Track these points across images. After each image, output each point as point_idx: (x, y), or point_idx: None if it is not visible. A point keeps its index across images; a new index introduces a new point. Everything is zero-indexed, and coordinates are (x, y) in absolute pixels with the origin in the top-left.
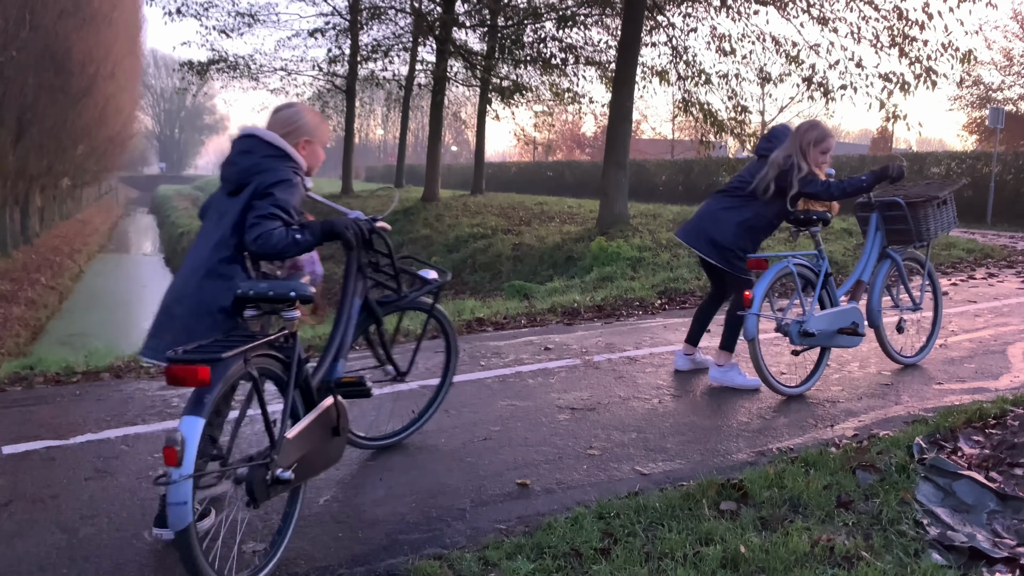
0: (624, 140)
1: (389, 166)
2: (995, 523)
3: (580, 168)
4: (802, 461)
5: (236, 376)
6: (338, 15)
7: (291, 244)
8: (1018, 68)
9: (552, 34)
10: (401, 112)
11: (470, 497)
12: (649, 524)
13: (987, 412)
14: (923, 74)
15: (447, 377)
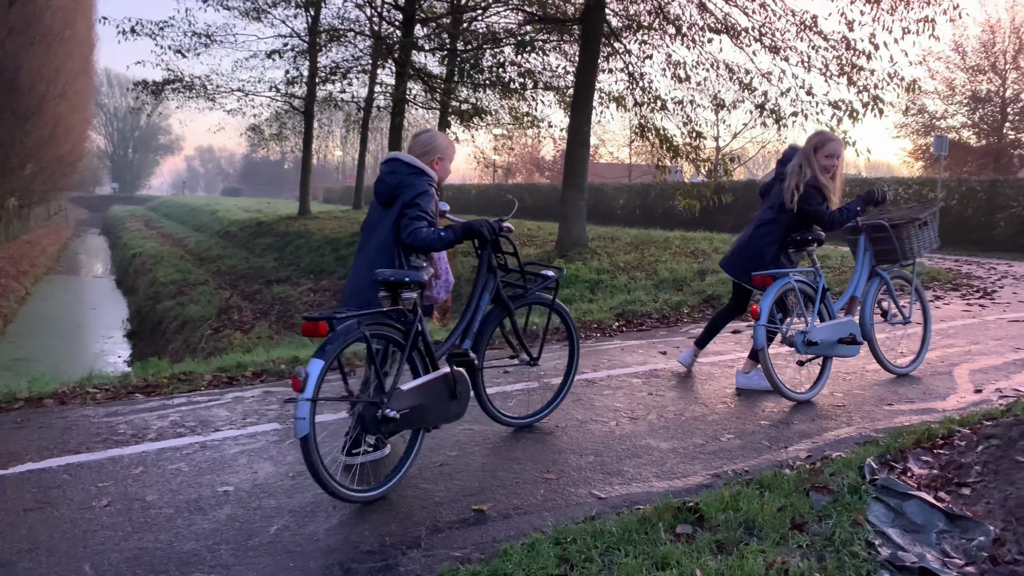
0: (582, 164)
1: (348, 187)
2: (944, 543)
3: (539, 191)
4: (757, 483)
5: (353, 336)
6: (296, 37)
7: (437, 239)
8: (960, 97)
9: (511, 59)
10: (360, 133)
11: (425, 524)
12: (606, 549)
13: (935, 432)
14: (871, 102)
15: (573, 363)
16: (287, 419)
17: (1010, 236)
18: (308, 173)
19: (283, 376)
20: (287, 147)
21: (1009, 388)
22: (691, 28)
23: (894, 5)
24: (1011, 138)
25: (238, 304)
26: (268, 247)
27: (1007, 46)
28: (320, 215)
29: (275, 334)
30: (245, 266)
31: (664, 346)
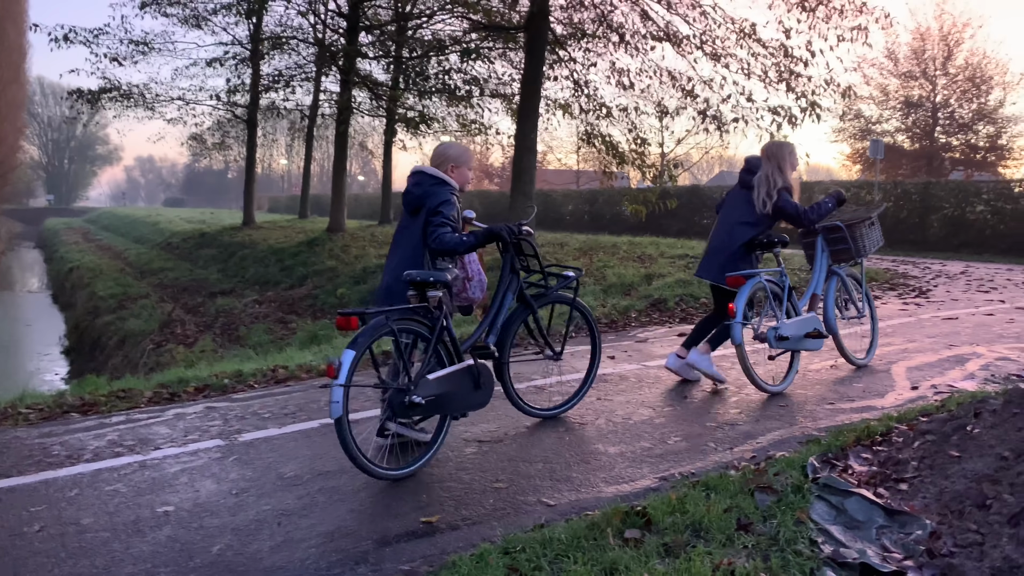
0: (530, 171)
1: (294, 197)
2: (884, 538)
3: (489, 198)
4: (703, 485)
5: (382, 330)
6: (238, 44)
7: (460, 243)
8: (894, 103)
9: (456, 66)
10: (305, 142)
11: (373, 538)
12: (555, 556)
13: (874, 430)
14: (808, 108)
15: (595, 357)
16: (230, 435)
17: (943, 236)
18: (252, 182)
19: (227, 391)
20: (230, 156)
21: (943, 384)
22: (634, 36)
23: (829, 14)
24: (942, 142)
25: (181, 317)
26: (212, 258)
27: (936, 53)
28: (265, 225)
29: (220, 347)
30: (188, 278)
31: (612, 351)
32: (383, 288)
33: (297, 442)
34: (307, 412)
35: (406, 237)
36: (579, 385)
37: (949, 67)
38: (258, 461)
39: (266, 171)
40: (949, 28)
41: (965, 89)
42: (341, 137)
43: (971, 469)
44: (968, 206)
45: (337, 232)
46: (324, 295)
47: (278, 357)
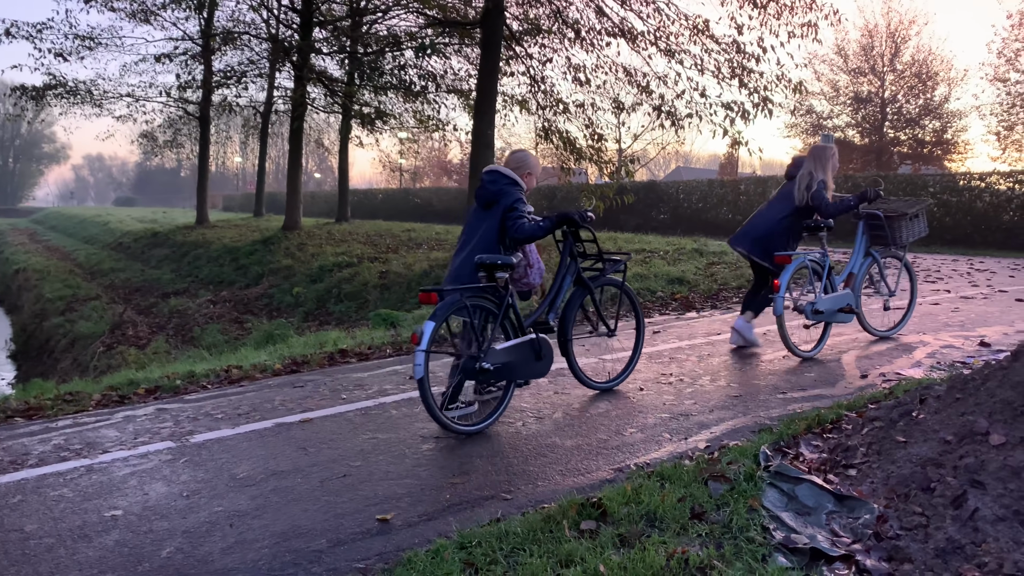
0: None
1: (248, 195)
2: (833, 523)
3: (448, 194)
4: (658, 475)
5: (457, 304)
6: (189, 40)
7: (537, 228)
8: (844, 98)
9: (412, 62)
10: (260, 139)
11: (327, 537)
12: (511, 550)
13: (825, 418)
14: (761, 103)
15: (640, 334)
16: (181, 436)
17: None
18: (205, 180)
19: (179, 392)
20: (183, 154)
21: (891, 372)
22: (589, 32)
23: (779, 10)
24: (891, 136)
25: (133, 319)
26: (164, 258)
27: (884, 50)
28: (219, 224)
29: (173, 348)
30: (140, 279)
31: None
32: (453, 270)
33: (251, 442)
34: (261, 412)
35: (480, 227)
36: (627, 360)
37: (896, 63)
38: (210, 462)
39: (220, 169)
40: (896, 25)
41: (912, 85)
42: (296, 134)
43: (916, 453)
44: None
45: (293, 230)
46: (280, 294)
47: (232, 357)
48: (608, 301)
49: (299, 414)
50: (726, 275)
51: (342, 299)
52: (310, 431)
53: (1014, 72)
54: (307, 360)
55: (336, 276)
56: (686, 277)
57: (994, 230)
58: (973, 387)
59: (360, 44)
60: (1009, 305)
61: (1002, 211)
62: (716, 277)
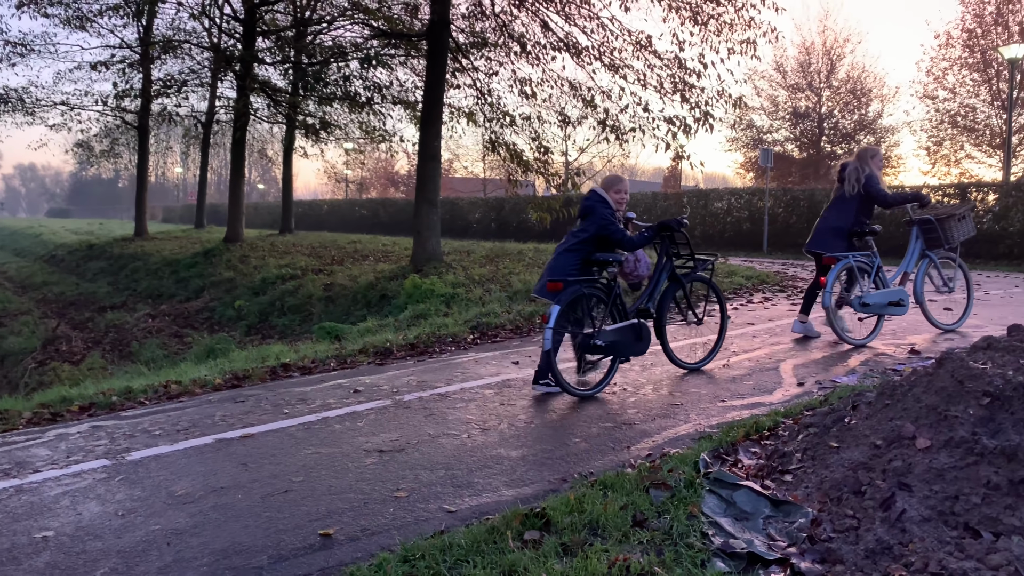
0: (434, 178)
1: (189, 206)
2: (770, 527)
3: (394, 206)
4: (601, 484)
5: (577, 292)
6: (127, 47)
7: (642, 239)
8: (783, 113)
9: (357, 73)
10: (201, 149)
11: (268, 553)
12: (455, 562)
13: (763, 425)
14: (702, 118)
15: (723, 325)
16: (117, 454)
17: None
18: (144, 192)
19: (115, 408)
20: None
21: (827, 380)
22: (535, 46)
23: (720, 27)
24: (827, 150)
25: (67, 334)
26: (101, 271)
27: (820, 66)
28: (159, 236)
29: (110, 364)
30: (75, 292)
31: (517, 356)
32: (554, 263)
33: (190, 459)
34: (201, 428)
35: (578, 235)
36: (712, 345)
37: (832, 80)
38: (147, 480)
39: (160, 180)
40: (831, 43)
41: (847, 101)
42: (238, 144)
43: (848, 458)
44: None
45: (235, 242)
46: (221, 307)
47: (171, 372)
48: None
49: (240, 429)
50: None
51: (286, 312)
52: (251, 446)
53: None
54: (249, 375)
55: (279, 289)
56: None
57: None
58: (901, 393)
59: (304, 54)
60: (938, 314)
61: None
62: None
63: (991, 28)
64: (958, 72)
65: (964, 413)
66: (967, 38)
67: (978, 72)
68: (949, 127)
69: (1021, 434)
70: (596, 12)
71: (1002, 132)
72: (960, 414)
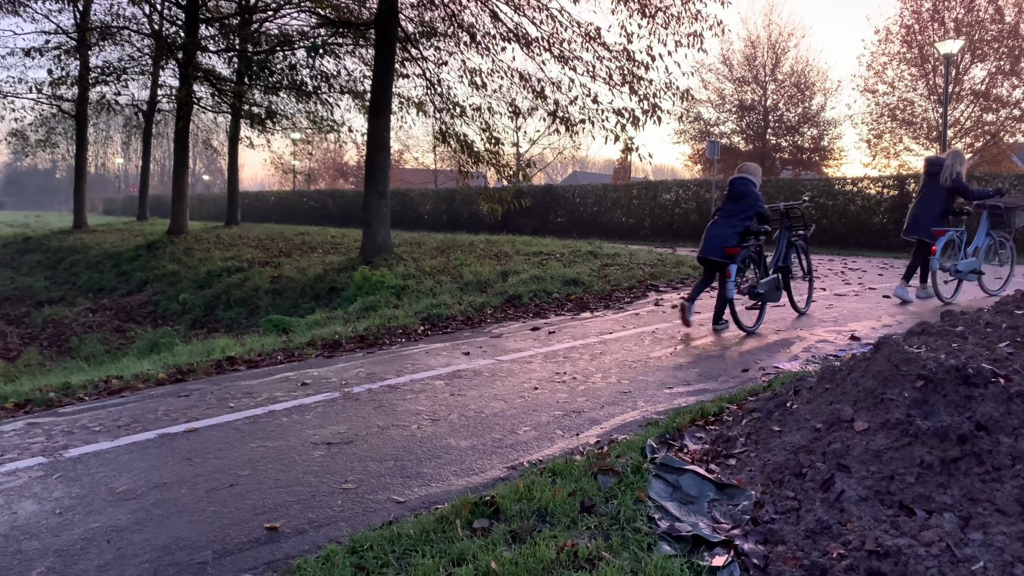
0: (383, 169)
1: (131, 197)
2: (714, 510)
3: (344, 197)
4: (550, 471)
5: (744, 255)
6: (63, 33)
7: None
8: (729, 106)
9: (304, 62)
10: (143, 139)
11: (212, 548)
12: (403, 552)
13: (708, 411)
14: (650, 110)
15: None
16: (54, 451)
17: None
18: (83, 183)
19: (52, 405)
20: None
21: (771, 366)
22: (485, 36)
23: (667, 20)
24: (773, 143)
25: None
26: (37, 265)
27: (766, 60)
28: (99, 228)
29: (47, 360)
30: (9, 287)
31: (468, 347)
32: (714, 234)
33: (131, 455)
34: (143, 423)
35: (734, 211)
36: (807, 297)
37: (777, 73)
38: (86, 477)
39: (100, 171)
40: (776, 37)
41: (792, 94)
42: (181, 134)
43: (789, 442)
44: None
45: (179, 234)
46: (165, 301)
47: (112, 367)
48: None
49: (184, 424)
50: (619, 276)
51: (232, 305)
52: (195, 441)
53: (882, 84)
54: (193, 368)
55: (225, 281)
56: (581, 279)
57: (866, 231)
58: (840, 378)
59: (250, 43)
60: (878, 302)
61: (872, 214)
62: (609, 278)
63: (928, 24)
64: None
65: (899, 396)
66: (905, 34)
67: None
68: (888, 120)
69: (953, 415)
70: (545, 3)
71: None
72: (896, 397)
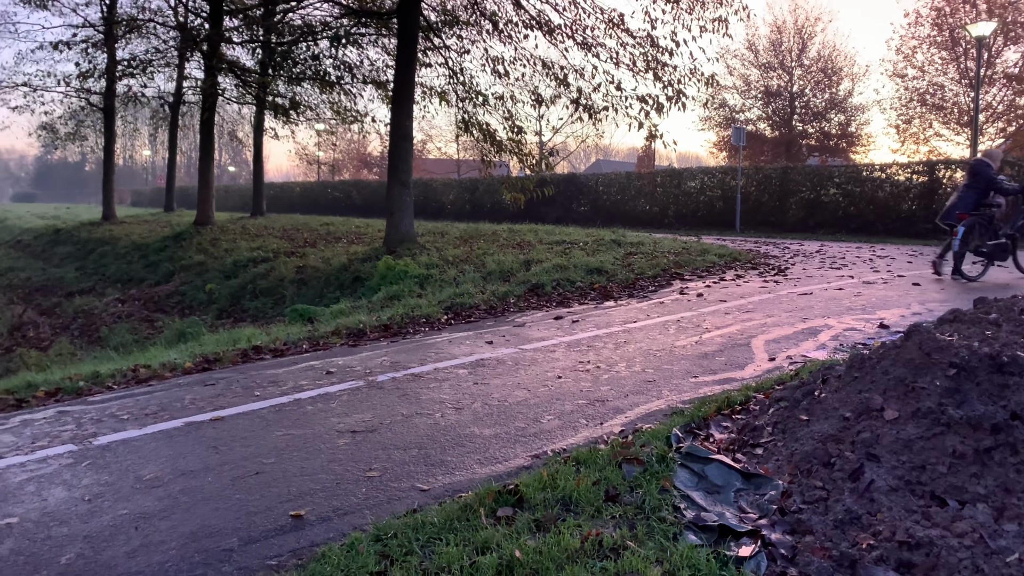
0: (406, 159)
1: (159, 189)
2: (741, 500)
3: (367, 187)
4: (574, 460)
5: (974, 221)
6: (90, 27)
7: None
8: (755, 92)
9: (327, 52)
10: (169, 131)
11: (238, 536)
12: (427, 540)
13: (734, 400)
14: (675, 96)
15: None
16: (84, 439)
17: (800, 218)
18: (111, 175)
19: (82, 393)
20: (87, 147)
21: (798, 355)
22: (507, 24)
23: (692, 5)
24: (799, 129)
25: (33, 320)
26: (68, 256)
27: (792, 45)
28: (127, 219)
29: (78, 350)
30: (41, 278)
31: (491, 336)
32: (955, 202)
33: (159, 443)
34: (170, 411)
35: (970, 185)
36: None
37: (804, 59)
38: (115, 464)
39: (128, 163)
40: (803, 22)
41: (818, 80)
42: (207, 126)
43: (818, 431)
44: (823, 190)
45: (206, 225)
46: (192, 291)
47: (140, 356)
48: None
49: (210, 412)
50: (643, 265)
51: (257, 295)
52: (222, 429)
53: (911, 68)
54: (219, 358)
55: (251, 272)
56: (604, 267)
57: (894, 218)
58: (870, 366)
59: (273, 33)
60: (907, 289)
61: (901, 200)
62: (633, 267)
63: (959, 6)
64: (927, 50)
65: (931, 384)
66: (936, 16)
67: (946, 50)
68: (918, 105)
69: (986, 404)
70: None
71: (969, 110)
72: (927, 385)
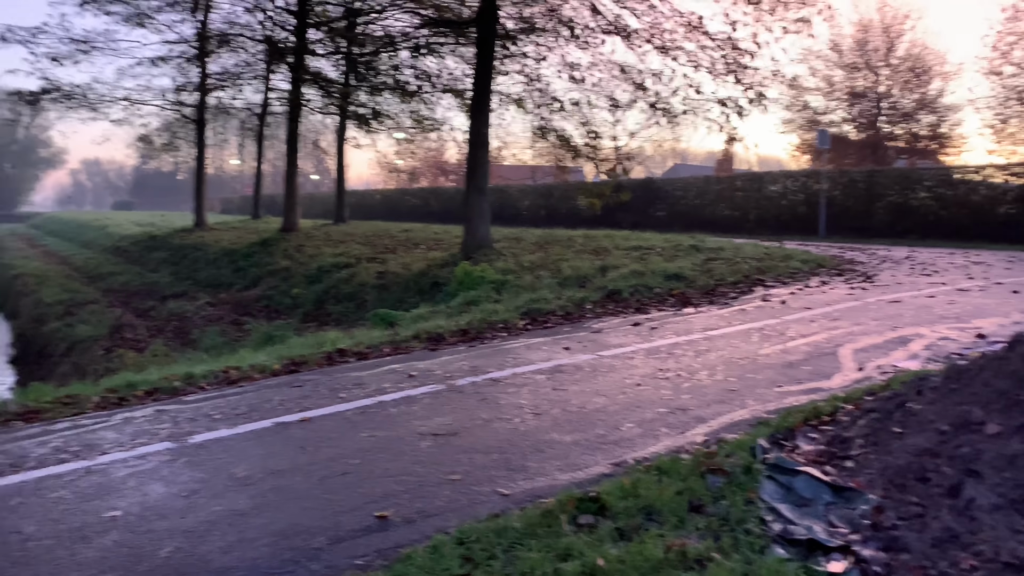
0: (483, 166)
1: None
2: (831, 514)
3: (445, 194)
4: (656, 469)
5: None
6: (184, 43)
7: None
8: (839, 94)
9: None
10: (256, 141)
11: (326, 535)
12: (509, 545)
13: (821, 410)
14: (756, 99)
15: None
16: (180, 437)
17: (888, 223)
18: (203, 184)
19: (177, 393)
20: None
21: (888, 365)
22: (584, 30)
23: (773, 6)
24: (886, 131)
25: (131, 322)
26: (162, 261)
27: (879, 44)
28: (217, 226)
29: (172, 351)
30: (139, 282)
31: (568, 342)
32: None
33: (249, 442)
34: (260, 412)
35: None
36: None
37: (891, 58)
38: (209, 462)
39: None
40: (890, 20)
41: (907, 80)
42: (292, 135)
43: (912, 444)
44: (912, 193)
45: (291, 232)
46: (278, 295)
47: (231, 359)
48: None
49: (298, 413)
50: (723, 271)
51: (340, 300)
52: (309, 430)
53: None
54: (306, 360)
55: (334, 277)
56: (683, 273)
57: (990, 223)
58: (968, 377)
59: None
60: (1006, 297)
61: (998, 204)
62: (713, 273)
63: None
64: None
65: None
66: None
67: None
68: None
69: None
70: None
71: None
72: None
